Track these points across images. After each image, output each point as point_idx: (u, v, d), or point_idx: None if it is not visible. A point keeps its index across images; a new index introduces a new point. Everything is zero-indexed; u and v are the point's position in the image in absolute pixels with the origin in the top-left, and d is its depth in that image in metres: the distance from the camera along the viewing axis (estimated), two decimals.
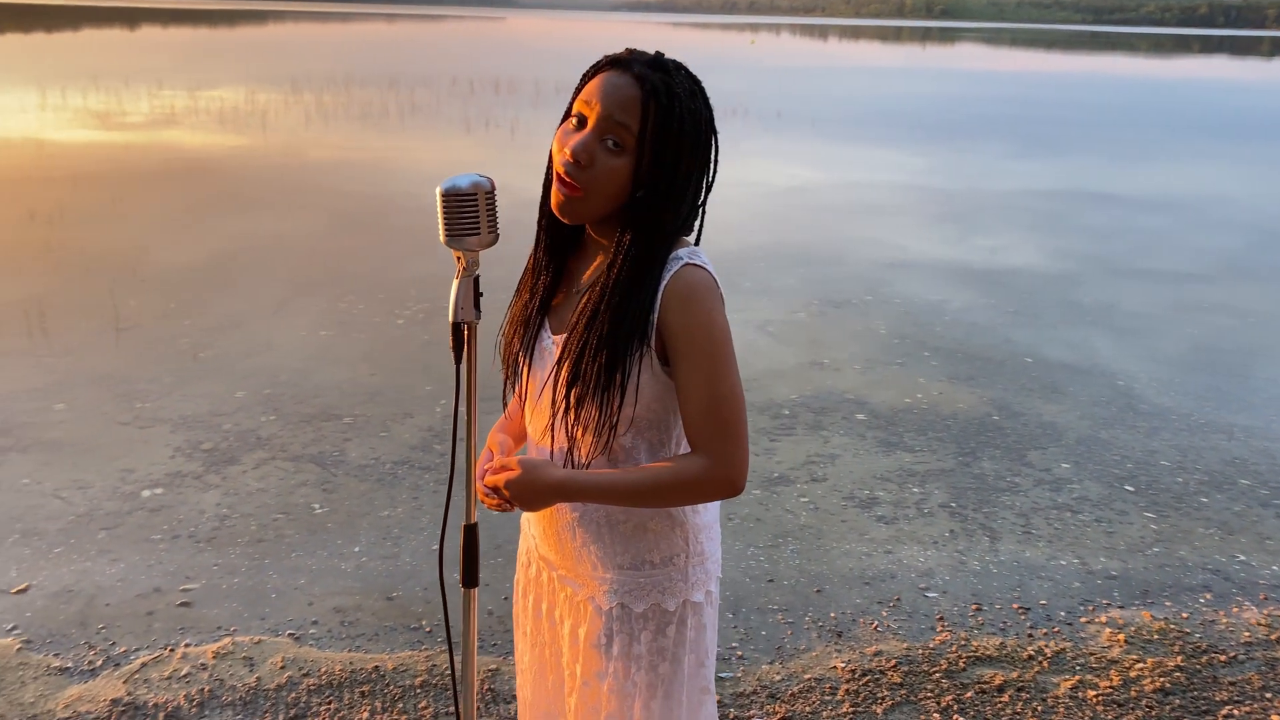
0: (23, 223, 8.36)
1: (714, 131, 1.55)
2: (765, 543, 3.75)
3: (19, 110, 16.21)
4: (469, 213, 1.39)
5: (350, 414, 4.78)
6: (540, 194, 1.56)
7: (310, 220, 8.91)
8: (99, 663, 2.94)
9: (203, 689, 2.82)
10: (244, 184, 10.56)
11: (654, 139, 1.45)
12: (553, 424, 1.58)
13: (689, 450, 1.52)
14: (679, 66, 1.52)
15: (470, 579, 1.55)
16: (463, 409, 1.50)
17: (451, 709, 2.76)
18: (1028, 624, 3.27)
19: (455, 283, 1.45)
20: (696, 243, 1.65)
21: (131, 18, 76.85)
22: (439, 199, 1.39)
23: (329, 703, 2.78)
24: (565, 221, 1.53)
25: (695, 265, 1.50)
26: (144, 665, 2.92)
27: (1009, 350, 6.09)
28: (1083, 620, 3.31)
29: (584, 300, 1.53)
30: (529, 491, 1.51)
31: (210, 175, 11.10)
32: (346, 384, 5.16)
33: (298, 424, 4.66)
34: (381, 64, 31.41)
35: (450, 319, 1.46)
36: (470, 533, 1.54)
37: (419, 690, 2.85)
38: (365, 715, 2.72)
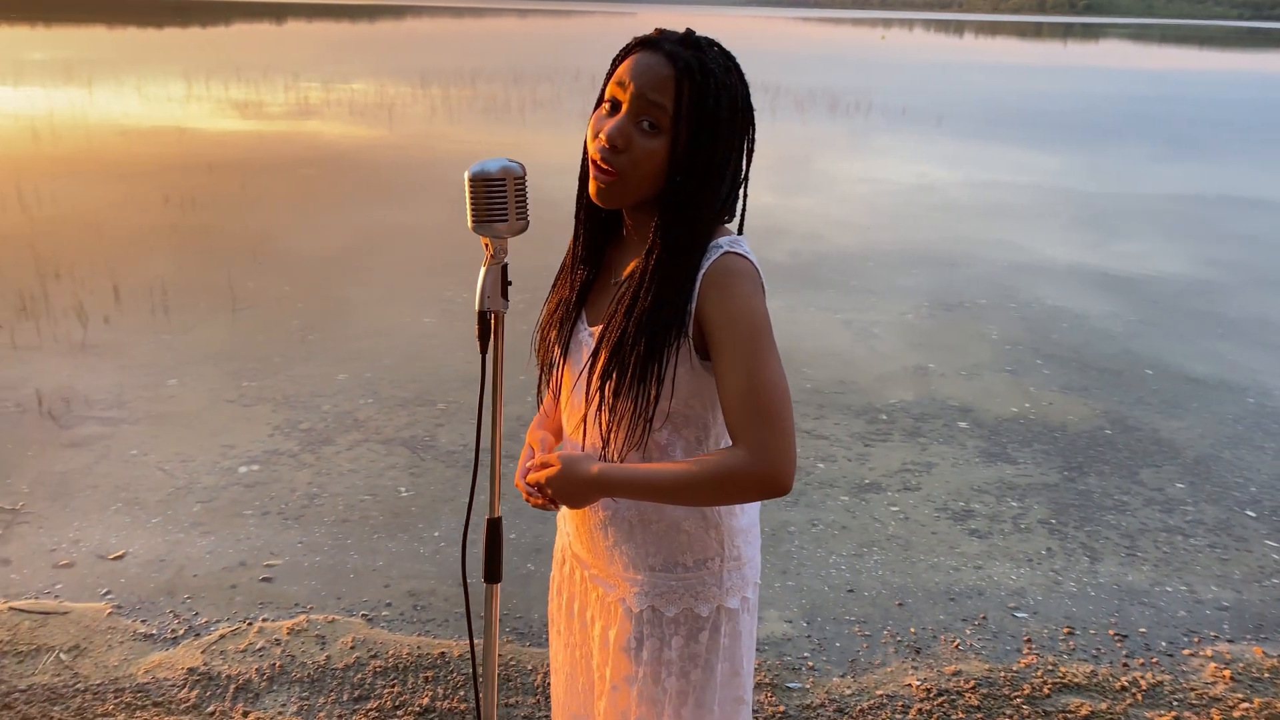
0: (157, 206, 8.76)
1: (751, 109, 1.48)
2: (849, 551, 3.63)
3: (165, 100, 17.07)
4: (497, 198, 1.35)
5: (444, 400, 4.84)
6: (577, 187, 1.51)
7: (434, 211, 9.08)
8: (181, 631, 3.03)
9: (274, 664, 2.88)
10: (373, 174, 10.86)
11: (690, 117, 1.39)
12: (586, 417, 1.53)
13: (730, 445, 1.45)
14: (711, 43, 1.46)
15: (492, 574, 1.51)
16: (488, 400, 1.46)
17: (508, 702, 2.75)
18: (1124, 652, 3.07)
19: (482, 270, 1.41)
20: (740, 231, 1.58)
21: (278, 13, 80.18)
22: (466, 183, 1.35)
23: (393, 686, 2.80)
24: (604, 208, 1.48)
25: (735, 253, 1.43)
26: (222, 637, 3.00)
27: (1128, 360, 5.76)
28: (1185, 653, 3.09)
29: (622, 291, 1.48)
30: (569, 487, 1.47)
31: (342, 165, 11.45)
32: (444, 370, 5.23)
33: (393, 408, 4.74)
34: (511, 58, 31.94)
35: (476, 307, 1.42)
36: (493, 527, 1.50)
37: (481, 681, 2.84)
38: (426, 701, 2.73)
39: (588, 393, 1.50)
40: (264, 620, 3.10)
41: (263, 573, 3.38)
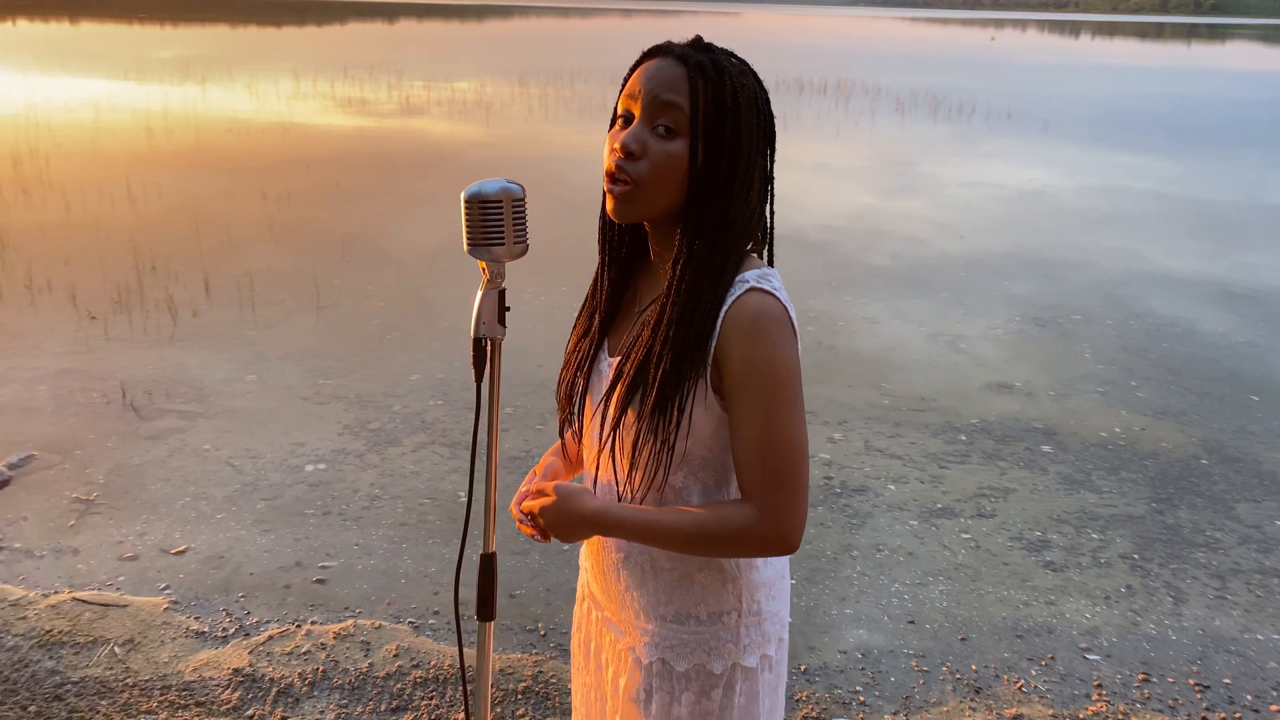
0: (254, 202, 9.00)
1: (771, 114, 1.39)
2: (912, 579, 3.48)
3: (274, 97, 17.59)
4: (494, 221, 1.29)
5: (512, 404, 4.83)
6: (599, 213, 1.44)
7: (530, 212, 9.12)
8: (231, 630, 3.07)
9: (317, 669, 2.88)
10: (470, 174, 11.00)
11: (707, 116, 1.30)
12: (600, 453, 1.46)
13: (739, 497, 1.37)
14: (725, 50, 1.38)
15: (485, 612, 1.45)
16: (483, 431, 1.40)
17: None
18: (1204, 704, 2.87)
19: (479, 294, 1.35)
20: (770, 262, 1.48)
21: (391, 12, 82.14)
22: (462, 204, 1.29)
23: (431, 698, 2.78)
24: (621, 223, 1.41)
25: (763, 291, 1.33)
26: (270, 638, 3.02)
27: (1233, 384, 5.43)
28: (1273, 709, 2.86)
29: (644, 318, 1.40)
30: (562, 520, 1.40)
31: (440, 164, 11.61)
32: (515, 375, 5.21)
33: (462, 410, 4.75)
34: (611, 59, 32.07)
35: (472, 333, 1.36)
36: (486, 563, 1.44)
37: (520, 696, 2.80)
38: (461, 716, 2.70)
39: (603, 427, 1.43)
40: (312, 623, 3.11)
41: (317, 574, 3.40)
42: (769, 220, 1.47)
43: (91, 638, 2.98)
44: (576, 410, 1.54)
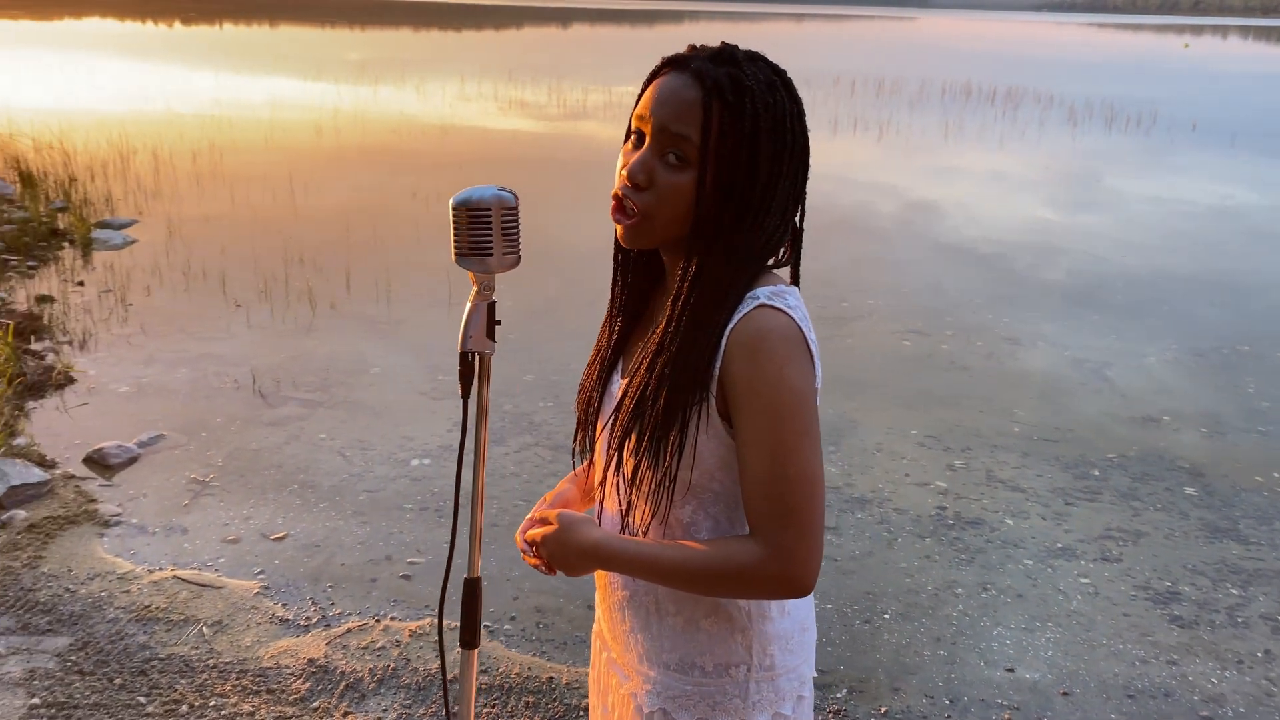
0: (404, 201, 9.29)
1: (804, 129, 1.27)
2: (1018, 623, 3.24)
3: (441, 99, 18.20)
4: (482, 229, 1.22)
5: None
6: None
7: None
8: (314, 620, 3.12)
9: (388, 665, 2.90)
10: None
11: (720, 145, 1.21)
12: (604, 482, 1.38)
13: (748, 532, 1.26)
14: (754, 57, 1.26)
15: (469, 639, 1.39)
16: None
17: None
18: None
19: (467, 306, 1.29)
20: (795, 275, 1.37)
21: (565, 17, 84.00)
22: (450, 211, 1.24)
23: (493, 706, 2.75)
24: (631, 248, 1.33)
25: (773, 307, 1.23)
26: (349, 631, 3.06)
27: None
28: None
29: (648, 342, 1.31)
30: (563, 550, 1.32)
31: (595, 168, 11.71)
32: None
33: (569, 413, 4.72)
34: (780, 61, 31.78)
35: (459, 347, 1.30)
36: (470, 588, 1.38)
37: (582, 713, 2.74)
38: None
39: (607, 453, 1.35)
40: (391, 619, 3.14)
41: (404, 569, 3.43)
42: (797, 239, 1.35)
43: (184, 616, 3.09)
44: (589, 434, 1.46)
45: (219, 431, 4.43)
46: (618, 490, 1.35)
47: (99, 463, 4.05)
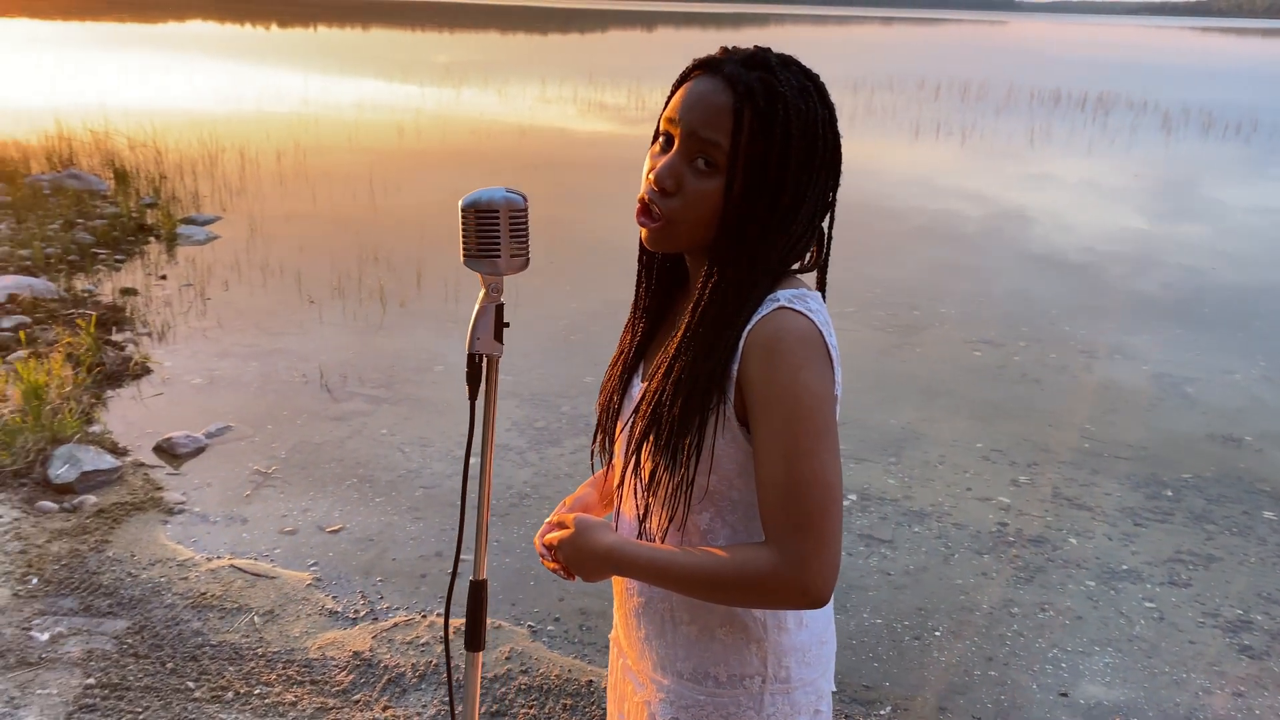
0: None
1: (836, 135, 1.24)
2: (1076, 646, 3.13)
3: (521, 101, 18.38)
4: (490, 231, 1.22)
5: None
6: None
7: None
8: (362, 613, 3.17)
9: (430, 661, 2.92)
10: None
11: (749, 153, 1.18)
12: (622, 485, 1.37)
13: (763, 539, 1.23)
14: (787, 62, 1.23)
15: (474, 641, 1.39)
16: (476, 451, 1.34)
17: None
18: None
19: (475, 308, 1.29)
20: (822, 280, 1.34)
21: (649, 20, 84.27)
22: (459, 213, 1.23)
23: (530, 707, 2.75)
24: (655, 251, 1.31)
25: (793, 310, 1.20)
26: (395, 625, 3.10)
27: None
28: None
29: (668, 345, 1.30)
30: (579, 555, 1.31)
31: None
32: None
33: None
34: (857, 66, 31.42)
35: (467, 349, 1.30)
36: (476, 590, 1.38)
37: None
38: None
39: (625, 456, 1.34)
40: (437, 615, 3.17)
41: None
42: (825, 245, 1.32)
43: (238, 605, 3.16)
44: (609, 436, 1.45)
45: (284, 424, 4.53)
46: (635, 494, 1.34)
47: (168, 452, 4.17)
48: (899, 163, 12.86)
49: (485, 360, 1.32)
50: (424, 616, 3.15)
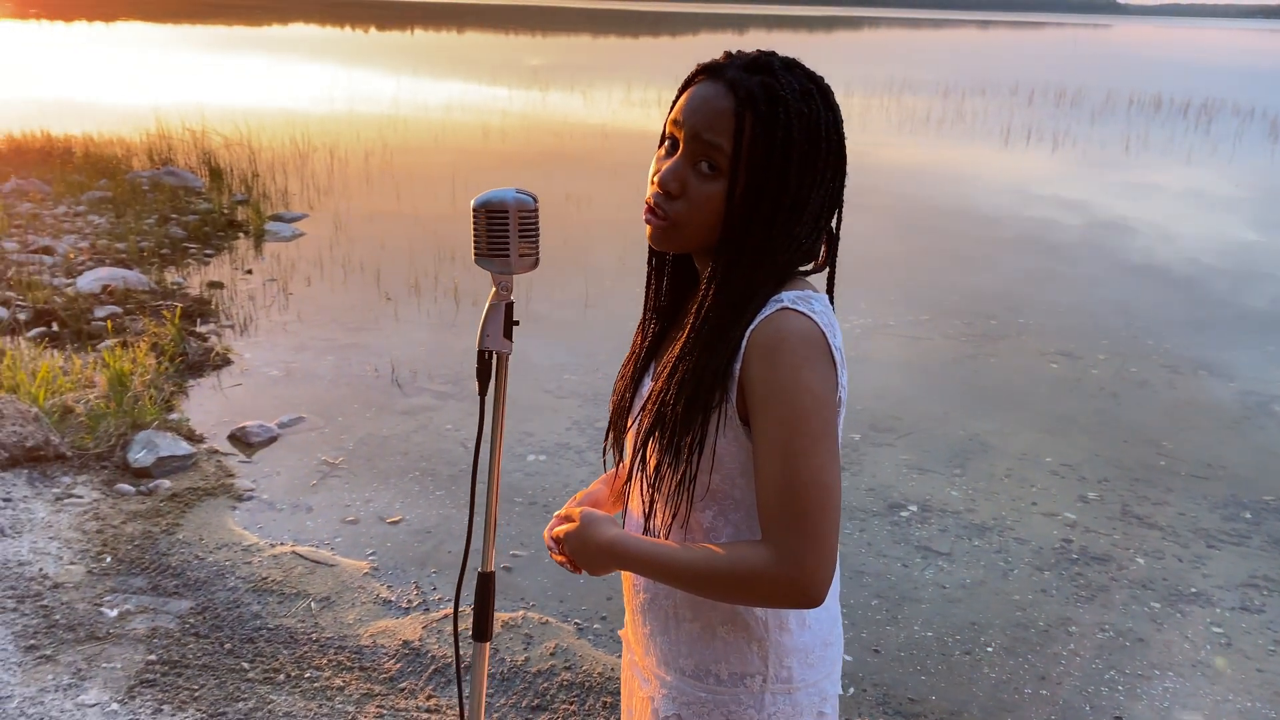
0: (553, 203, 9.51)
1: (840, 137, 1.25)
2: (1135, 669, 3.03)
3: (603, 103, 18.49)
4: (499, 231, 1.25)
5: None
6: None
7: (875, 220, 9.04)
8: (415, 603, 3.24)
9: None
10: None
11: (750, 156, 1.20)
12: (629, 480, 1.39)
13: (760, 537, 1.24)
14: (790, 65, 1.24)
15: (481, 632, 1.41)
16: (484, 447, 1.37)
17: None
18: None
19: (486, 305, 1.32)
20: (830, 282, 1.34)
21: (741, 24, 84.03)
22: (470, 213, 1.27)
23: (570, 703, 2.78)
24: (661, 251, 1.33)
25: (796, 310, 1.21)
26: (445, 617, 3.16)
27: None
28: None
29: (675, 341, 1.32)
30: (584, 548, 1.33)
31: None
32: None
33: None
34: (951, 71, 30.86)
35: (477, 345, 1.33)
36: (484, 582, 1.41)
37: None
38: None
39: (632, 452, 1.36)
40: None
41: (506, 561, 3.51)
42: (833, 245, 1.32)
43: (296, 590, 3.26)
44: (620, 433, 1.47)
45: (354, 417, 4.65)
46: (641, 490, 1.35)
47: (241, 440, 4.32)
48: (988, 169, 12.60)
49: (495, 356, 1.34)
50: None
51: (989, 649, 3.12)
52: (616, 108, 17.86)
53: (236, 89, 18.04)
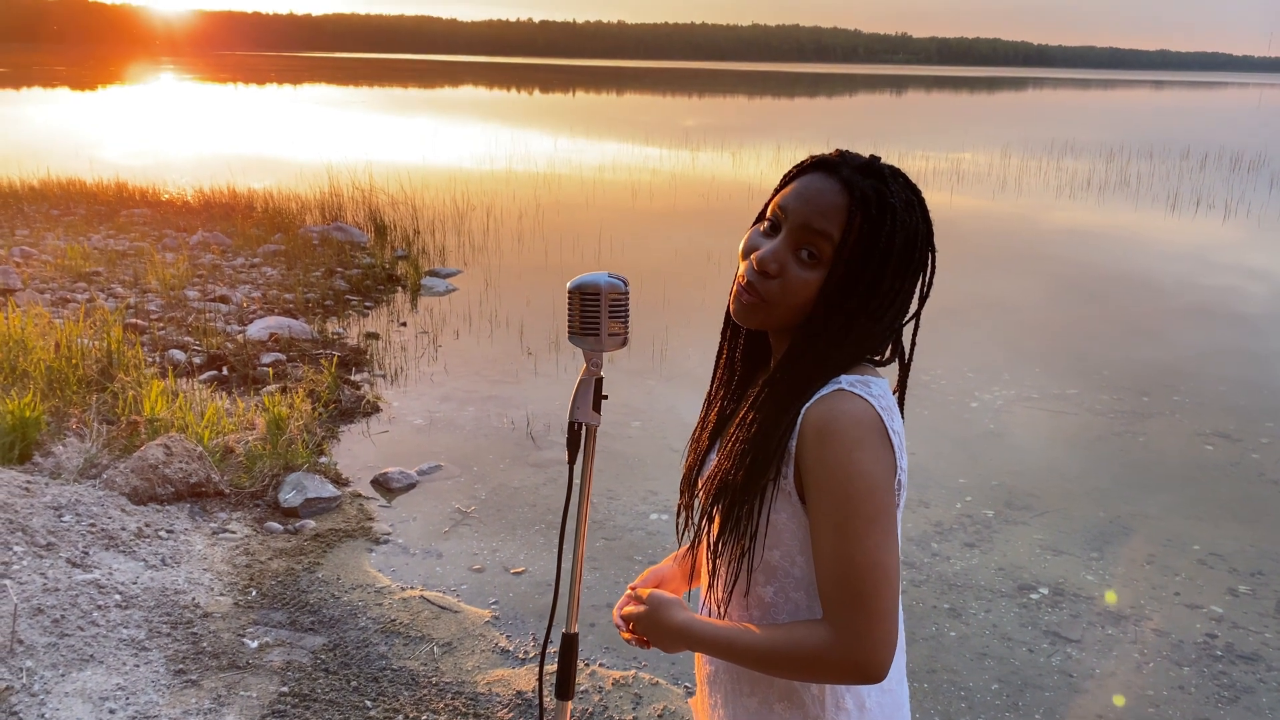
0: (697, 262, 9.64)
1: (932, 249, 1.32)
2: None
3: (752, 162, 18.66)
4: (591, 312, 1.33)
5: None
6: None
7: (1030, 286, 8.92)
8: (532, 654, 3.33)
9: (587, 710, 3.03)
10: (977, 243, 10.95)
11: (854, 253, 1.27)
12: (692, 547, 1.45)
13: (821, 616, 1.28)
14: (896, 173, 1.31)
15: (564, 691, 1.48)
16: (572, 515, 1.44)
17: None
18: None
19: (577, 380, 1.40)
20: (903, 381, 1.38)
21: (899, 84, 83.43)
22: (566, 295, 1.36)
23: None
24: (743, 326, 1.39)
25: (853, 393, 1.26)
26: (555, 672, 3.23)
27: None
28: None
29: (739, 417, 1.38)
30: (655, 631, 1.40)
31: (947, 233, 11.60)
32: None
33: None
34: (1118, 133, 29.77)
35: (568, 417, 1.41)
36: (568, 643, 1.47)
37: None
38: None
39: (697, 526, 1.42)
40: (600, 665, 3.28)
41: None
42: (909, 350, 1.37)
43: (421, 634, 3.40)
44: (690, 508, 1.52)
45: (488, 467, 4.82)
46: (705, 561, 1.41)
47: (383, 485, 4.55)
48: (1155, 235, 12.09)
49: (584, 429, 1.42)
50: (586, 665, 3.27)
51: None
52: (765, 167, 18.00)
53: (405, 148, 19.08)
